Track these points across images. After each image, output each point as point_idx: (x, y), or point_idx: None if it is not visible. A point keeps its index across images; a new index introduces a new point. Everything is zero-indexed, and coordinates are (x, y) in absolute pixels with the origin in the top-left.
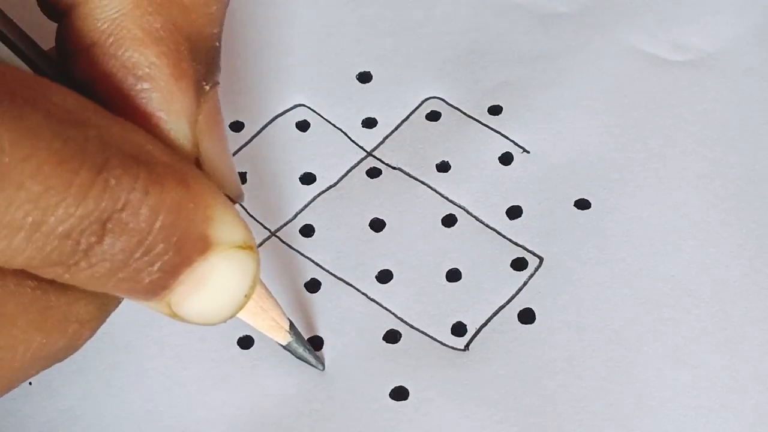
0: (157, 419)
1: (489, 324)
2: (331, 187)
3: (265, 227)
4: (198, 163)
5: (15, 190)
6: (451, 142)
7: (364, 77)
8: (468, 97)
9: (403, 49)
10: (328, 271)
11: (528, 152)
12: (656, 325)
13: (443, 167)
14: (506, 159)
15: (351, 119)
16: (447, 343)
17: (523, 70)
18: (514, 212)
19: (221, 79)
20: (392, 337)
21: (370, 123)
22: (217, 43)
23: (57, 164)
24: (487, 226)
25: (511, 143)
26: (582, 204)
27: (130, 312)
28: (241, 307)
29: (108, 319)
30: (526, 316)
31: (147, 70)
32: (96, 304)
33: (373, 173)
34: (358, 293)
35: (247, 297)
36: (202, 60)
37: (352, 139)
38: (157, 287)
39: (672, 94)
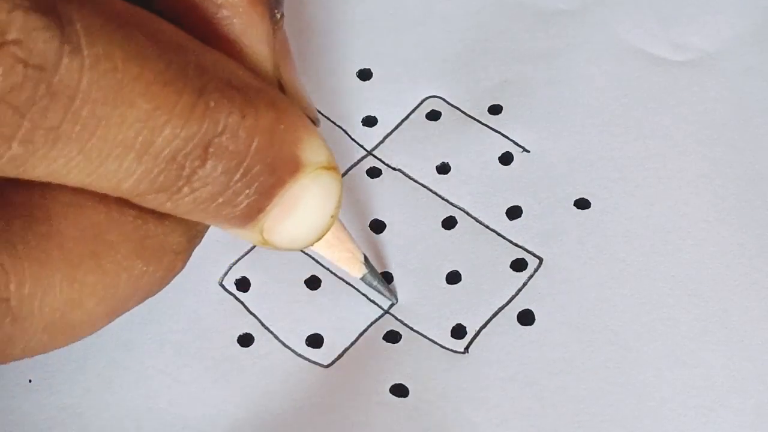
0: (158, 417)
1: (488, 326)
2: None
3: None
4: (281, 87)
5: (128, 108)
6: (451, 142)
7: (365, 74)
8: (468, 97)
9: (403, 47)
10: (328, 270)
11: (528, 152)
12: (656, 325)
13: (443, 169)
14: (506, 159)
15: (351, 117)
16: (447, 346)
17: (523, 69)
18: (513, 212)
19: None
20: (392, 337)
21: (370, 121)
22: None
23: (163, 85)
24: (487, 227)
25: (511, 143)
26: (582, 203)
27: (130, 311)
28: (327, 229)
29: None
30: (526, 318)
31: None
32: (187, 236)
33: (374, 173)
34: (358, 293)
35: (333, 218)
36: None
37: (352, 137)
38: (253, 210)
39: (672, 94)
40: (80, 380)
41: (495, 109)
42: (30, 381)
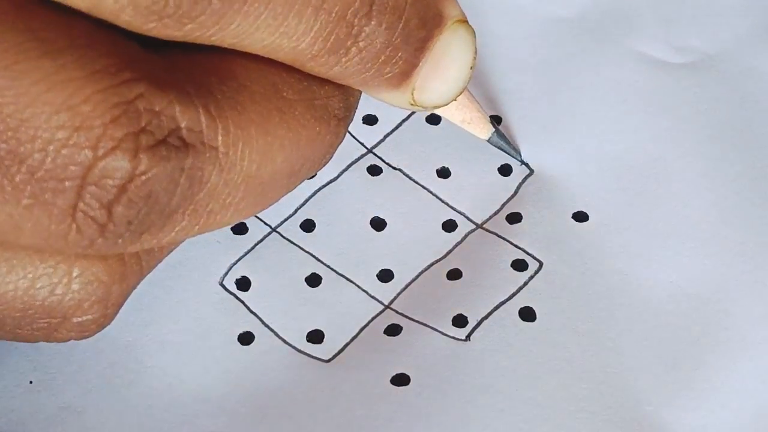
0: (158, 416)
1: (490, 317)
2: (331, 181)
3: (266, 223)
4: None
5: None
6: (450, 148)
7: None
8: None
9: None
10: (329, 267)
11: (527, 165)
12: (654, 332)
13: (443, 173)
14: (505, 170)
15: None
16: (448, 334)
17: (522, 78)
18: (513, 218)
19: None
20: (393, 330)
21: (370, 120)
22: None
23: None
24: (488, 230)
25: (510, 156)
26: (580, 217)
27: (130, 312)
28: (468, 81)
29: None
30: (527, 315)
31: None
32: (346, 103)
33: (374, 171)
34: (359, 289)
35: (473, 69)
36: None
37: (353, 134)
38: (409, 67)
39: (672, 96)
40: (81, 380)
41: (495, 120)
42: (31, 382)
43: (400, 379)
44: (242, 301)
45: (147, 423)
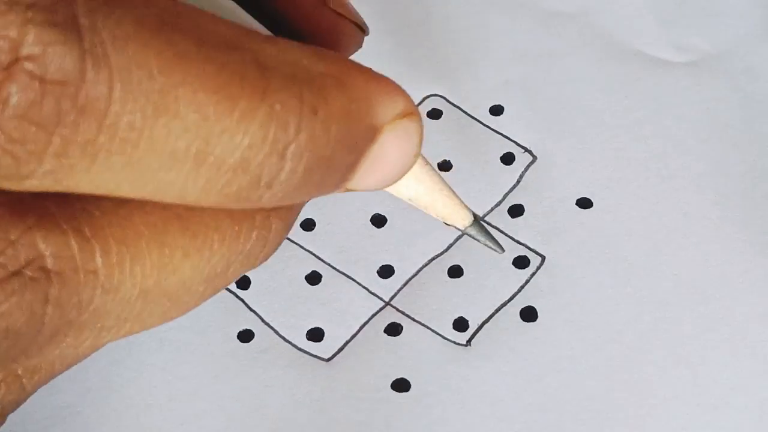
0: (157, 413)
1: (491, 320)
2: None
3: None
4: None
5: (171, 118)
6: (452, 141)
7: None
8: (469, 96)
9: (404, 45)
10: (329, 264)
11: (530, 152)
12: (658, 324)
13: (445, 166)
14: (508, 159)
15: None
16: (449, 338)
17: (524, 69)
18: (515, 211)
19: None
20: (394, 329)
21: None
22: None
23: (214, 91)
24: (489, 224)
25: (513, 143)
26: (584, 203)
27: None
28: (411, 166)
29: None
30: (528, 315)
31: None
32: None
33: None
34: (359, 286)
35: (416, 157)
36: None
37: None
38: (336, 186)
39: (673, 95)
40: (80, 379)
41: (496, 110)
42: None
43: (401, 385)
44: (242, 300)
45: (146, 422)
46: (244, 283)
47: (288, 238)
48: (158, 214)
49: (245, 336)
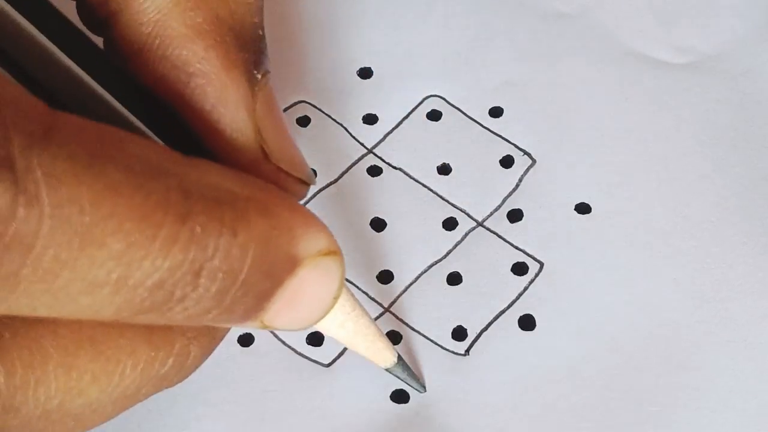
0: (157, 418)
1: (489, 329)
2: (331, 183)
3: None
4: (263, 152)
5: (96, 249)
6: (451, 144)
7: (365, 73)
8: (469, 97)
9: (403, 45)
10: None
11: (529, 155)
12: (657, 330)
13: (444, 170)
14: (507, 162)
15: (351, 115)
16: (448, 348)
17: (524, 70)
18: (514, 216)
19: None
20: (393, 338)
21: (370, 119)
22: (261, 32)
23: (139, 220)
24: (488, 229)
25: (512, 146)
26: (582, 208)
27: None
28: (329, 310)
29: None
30: (527, 323)
31: (198, 65)
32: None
33: (374, 171)
34: (359, 292)
35: (336, 299)
36: (250, 48)
37: (353, 135)
38: (252, 313)
39: (673, 97)
40: None
41: (496, 112)
42: None
43: (400, 396)
44: None
45: (147, 427)
46: None
47: None
48: (70, 337)
49: (245, 340)
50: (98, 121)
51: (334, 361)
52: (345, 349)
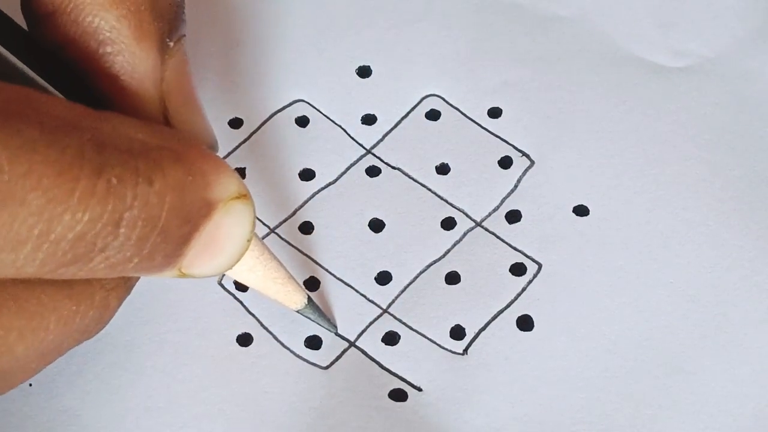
0: (156, 417)
1: (488, 328)
2: (330, 184)
3: (264, 224)
4: (166, 119)
5: (18, 206)
6: (450, 143)
7: (364, 72)
8: (468, 97)
9: (402, 44)
10: (327, 270)
11: (527, 156)
12: (654, 333)
13: (443, 169)
14: (505, 163)
15: (350, 115)
16: (446, 347)
17: (522, 71)
18: (513, 216)
19: (220, 75)
20: (391, 339)
21: (369, 119)
22: None
23: (57, 175)
24: (486, 230)
25: (511, 147)
26: (580, 210)
27: (129, 311)
28: (243, 253)
29: None
30: (525, 323)
31: (108, 33)
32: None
33: (373, 172)
34: (357, 294)
35: (249, 241)
36: (165, 17)
37: (352, 135)
38: (172, 259)
39: (671, 100)
40: (80, 383)
41: (494, 112)
42: (30, 384)
43: (398, 394)
44: (241, 302)
45: (145, 425)
46: (243, 285)
47: (287, 242)
48: None
49: (244, 340)
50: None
51: (332, 363)
52: (344, 351)
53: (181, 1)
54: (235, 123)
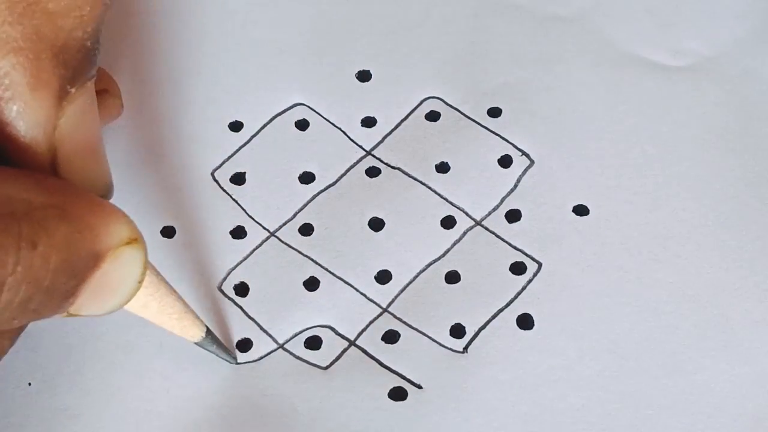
0: (156, 419)
1: (488, 327)
2: (330, 186)
3: (264, 228)
4: (55, 169)
5: None
6: (450, 143)
7: (364, 76)
8: (467, 98)
9: (402, 48)
10: (326, 269)
11: (527, 156)
12: (654, 333)
13: (443, 168)
14: (505, 162)
15: (350, 118)
16: (446, 345)
17: (522, 73)
18: (512, 216)
19: (221, 78)
20: (391, 337)
21: (369, 122)
22: (89, 43)
23: None
24: (486, 229)
25: (511, 146)
26: (580, 210)
27: (129, 315)
28: (134, 293)
29: (107, 320)
30: (525, 322)
31: (6, 81)
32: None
33: (373, 172)
34: (357, 293)
35: (140, 283)
36: (70, 63)
37: (351, 138)
38: (57, 310)
39: (670, 99)
40: (79, 383)
41: (494, 112)
42: (29, 384)
43: (398, 393)
44: (240, 307)
45: (144, 426)
46: (242, 290)
47: (286, 244)
48: None
49: (244, 344)
50: None
51: (332, 363)
52: (344, 350)
53: (93, 45)
54: (236, 126)
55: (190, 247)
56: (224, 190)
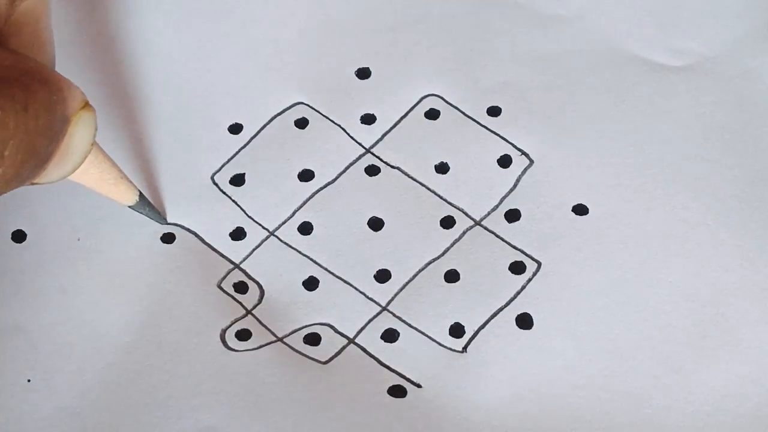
0: (155, 409)
1: (487, 326)
2: (329, 184)
3: (264, 227)
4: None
5: None
6: (449, 142)
7: (363, 73)
8: (467, 96)
9: (401, 46)
10: (326, 269)
11: (526, 155)
12: (653, 332)
13: (442, 168)
14: (505, 161)
15: (349, 115)
16: (445, 344)
17: (522, 71)
18: (512, 215)
19: (221, 79)
20: (391, 336)
21: (368, 119)
22: None
23: None
24: (486, 228)
25: (510, 146)
26: (580, 209)
27: (129, 313)
28: (86, 157)
29: (107, 320)
30: (524, 321)
31: None
32: None
33: (372, 171)
34: (357, 292)
35: (92, 146)
36: None
37: (351, 135)
38: (33, 176)
39: (670, 99)
40: (79, 380)
41: (494, 111)
42: (29, 381)
43: (397, 391)
44: (240, 303)
45: (144, 418)
46: (241, 287)
47: (285, 243)
48: None
49: (243, 335)
50: None
51: (331, 359)
52: (343, 348)
53: None
54: (235, 128)
55: (189, 247)
56: (224, 193)
